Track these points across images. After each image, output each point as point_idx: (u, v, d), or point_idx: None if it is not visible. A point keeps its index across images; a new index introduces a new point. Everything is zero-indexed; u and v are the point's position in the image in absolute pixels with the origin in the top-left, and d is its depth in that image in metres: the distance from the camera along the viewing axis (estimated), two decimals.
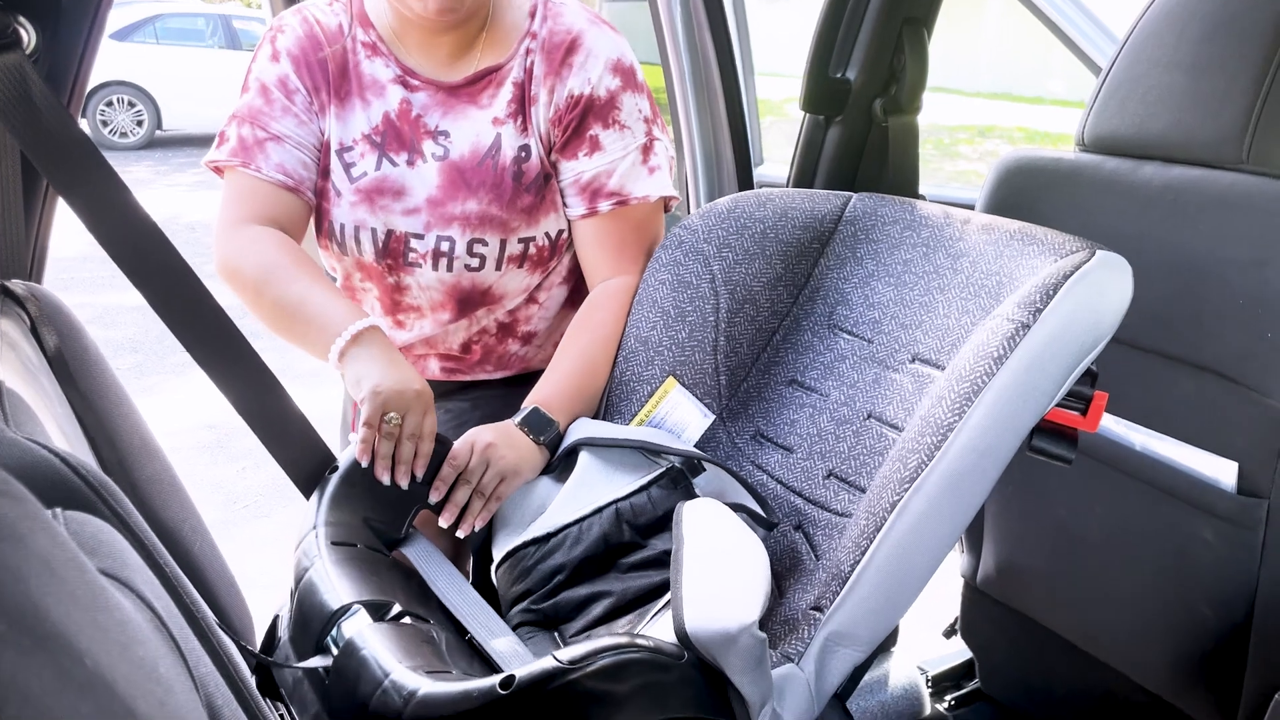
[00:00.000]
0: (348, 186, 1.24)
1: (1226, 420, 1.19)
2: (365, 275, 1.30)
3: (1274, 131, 1.12)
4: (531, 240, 1.25)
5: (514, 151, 1.23)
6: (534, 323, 1.35)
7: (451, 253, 1.24)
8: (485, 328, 1.33)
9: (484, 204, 1.22)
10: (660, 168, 1.27)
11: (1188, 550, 1.26)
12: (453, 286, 1.27)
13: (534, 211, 1.24)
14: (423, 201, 1.23)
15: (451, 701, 0.77)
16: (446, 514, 1.10)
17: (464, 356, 1.35)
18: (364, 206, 1.24)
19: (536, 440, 1.16)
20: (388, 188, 1.23)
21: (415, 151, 1.23)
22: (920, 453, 0.91)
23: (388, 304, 1.31)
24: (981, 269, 1.08)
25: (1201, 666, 1.29)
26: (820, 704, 0.90)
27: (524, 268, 1.27)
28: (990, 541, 1.58)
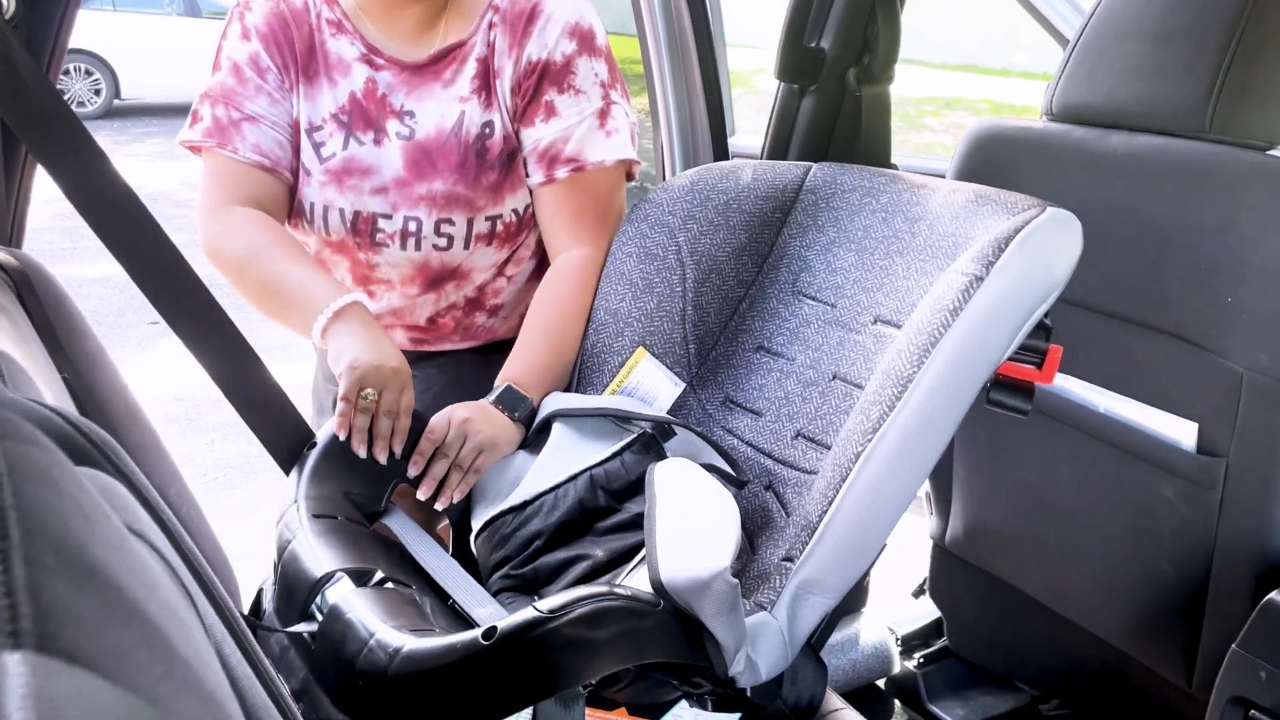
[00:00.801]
0: (317, 166, 1.24)
1: (1187, 382, 1.23)
2: (335, 250, 1.31)
3: (1236, 101, 1.15)
4: (499, 218, 1.26)
5: (477, 128, 1.23)
6: (502, 296, 1.36)
7: (419, 233, 1.25)
8: (454, 302, 1.33)
9: (450, 184, 1.23)
10: (618, 131, 1.26)
11: (1149, 509, 1.30)
12: (422, 265, 1.28)
13: (500, 189, 1.25)
14: (390, 181, 1.24)
15: (436, 655, 0.79)
16: (425, 486, 1.11)
17: (431, 329, 1.36)
18: (333, 186, 1.24)
19: (511, 416, 1.17)
20: (355, 168, 1.24)
21: (381, 131, 1.24)
22: (882, 404, 0.94)
23: (358, 277, 1.32)
24: (938, 231, 1.10)
25: (1162, 621, 1.33)
26: (793, 650, 0.93)
27: (492, 245, 1.28)
28: (958, 504, 1.62)
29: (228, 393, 1.05)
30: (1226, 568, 1.23)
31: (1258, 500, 1.18)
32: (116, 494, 0.46)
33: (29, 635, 0.24)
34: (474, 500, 1.15)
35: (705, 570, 0.82)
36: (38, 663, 0.24)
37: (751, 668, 0.91)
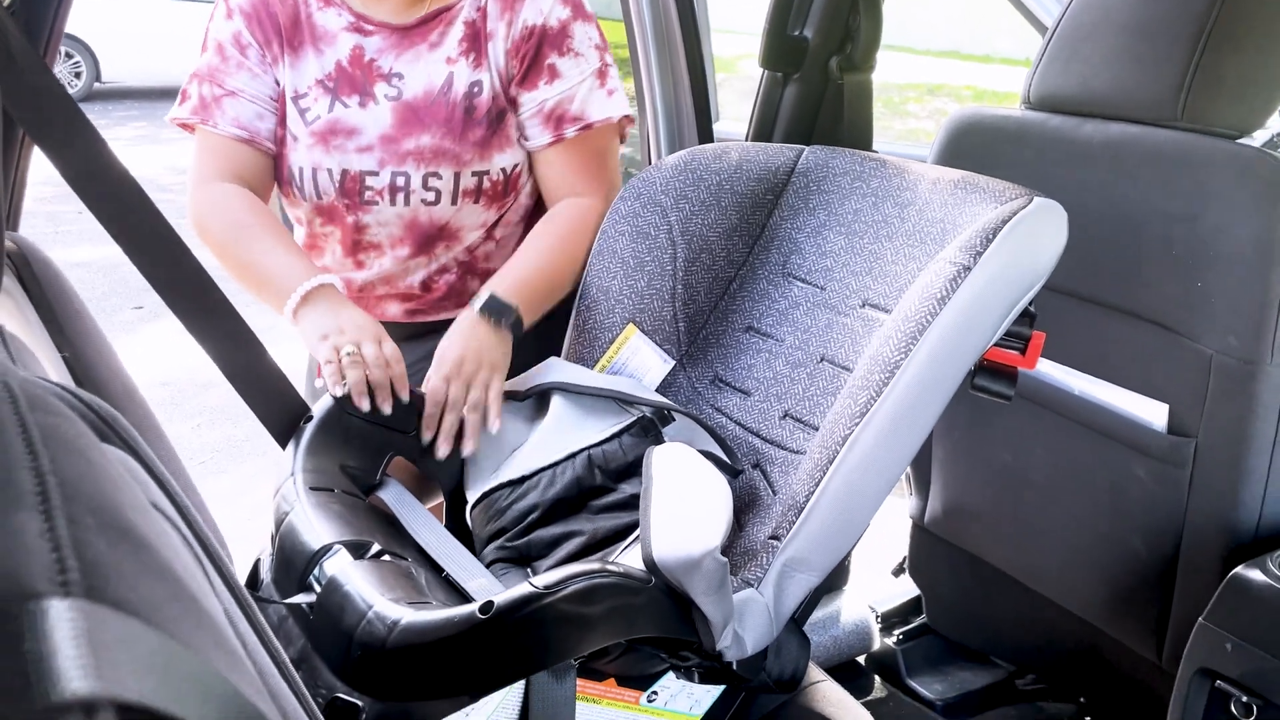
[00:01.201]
0: (303, 130, 1.27)
1: (1159, 365, 1.26)
2: (326, 219, 1.33)
3: (1206, 91, 1.18)
4: (485, 174, 1.29)
5: (465, 88, 1.27)
6: (493, 260, 1.38)
7: (407, 187, 1.27)
8: (445, 266, 1.35)
9: (437, 138, 1.26)
10: (617, 90, 1.32)
11: (1122, 487, 1.33)
12: (411, 222, 1.30)
13: (487, 145, 1.28)
14: (375, 139, 1.27)
15: (434, 628, 0.81)
16: (443, 445, 1.14)
17: (424, 295, 1.38)
18: (319, 148, 1.27)
19: (497, 325, 1.18)
20: (341, 128, 1.27)
21: (367, 95, 1.27)
22: (869, 389, 0.96)
23: (348, 245, 1.34)
24: (927, 217, 1.13)
25: (1133, 596, 1.37)
26: (778, 625, 0.96)
27: (480, 203, 1.30)
28: (938, 484, 1.65)
29: (225, 370, 1.07)
30: (1195, 544, 1.27)
31: (1225, 479, 1.21)
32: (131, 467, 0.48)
33: (78, 585, 0.26)
34: (469, 472, 1.17)
35: (696, 549, 0.85)
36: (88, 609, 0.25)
37: (738, 642, 0.93)
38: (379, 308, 1.39)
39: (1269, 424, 1.18)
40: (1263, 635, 1.06)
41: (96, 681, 0.23)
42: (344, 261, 1.36)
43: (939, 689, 1.73)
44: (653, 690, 0.98)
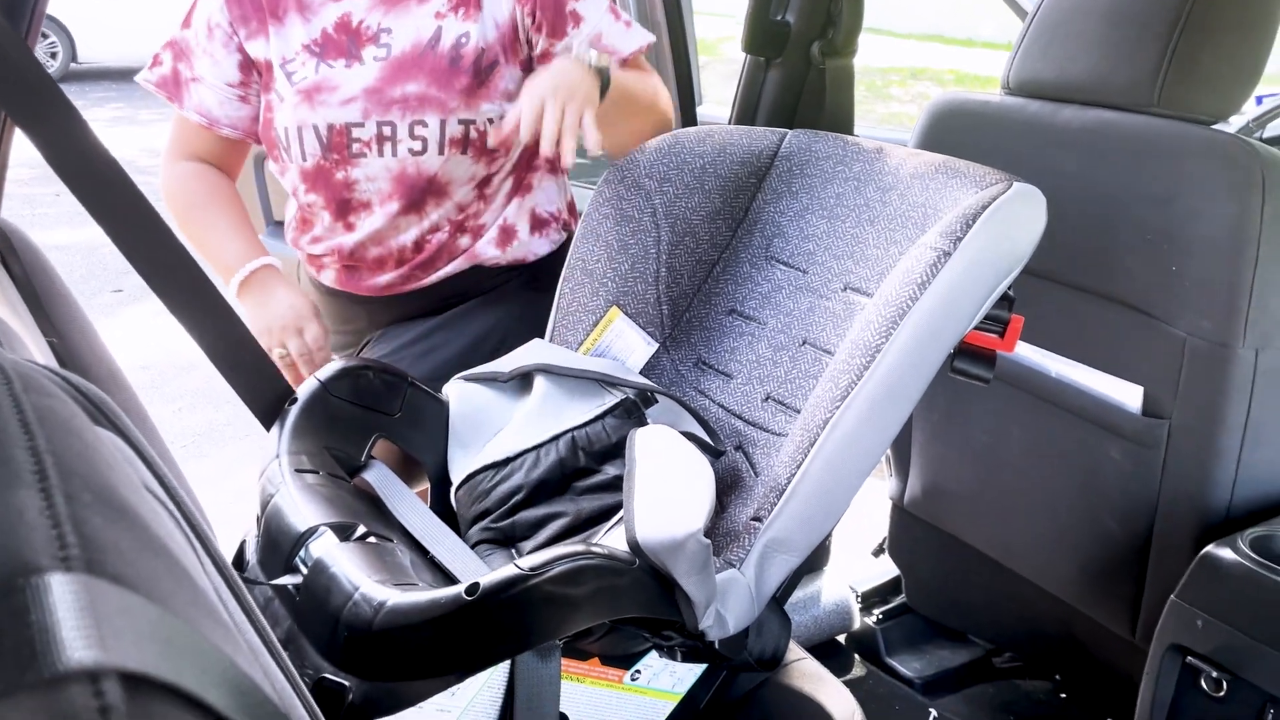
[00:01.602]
0: (289, 90, 1.29)
1: (1134, 348, 1.28)
2: (311, 184, 1.34)
3: (1182, 77, 1.20)
4: (472, 123, 1.29)
5: (453, 39, 1.28)
6: (483, 216, 1.39)
7: (394, 136, 1.29)
8: (436, 224, 1.36)
9: (422, 86, 1.27)
10: (632, 21, 1.35)
11: (1097, 468, 1.36)
12: (399, 175, 1.31)
13: (472, 93, 1.28)
14: (360, 91, 1.28)
15: (420, 610, 0.82)
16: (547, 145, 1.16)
17: (416, 255, 1.38)
18: (305, 106, 1.29)
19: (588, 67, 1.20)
20: (326, 85, 1.29)
21: (354, 57, 1.29)
22: (850, 373, 0.97)
23: (337, 206, 1.35)
24: (909, 201, 1.13)
25: (1108, 575, 1.40)
26: (760, 605, 0.97)
27: (468, 154, 1.31)
28: (917, 466, 1.67)
29: (208, 351, 1.07)
30: (1168, 523, 1.29)
31: (1198, 459, 1.24)
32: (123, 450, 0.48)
33: (78, 560, 0.27)
34: (453, 453, 1.18)
35: (680, 531, 0.86)
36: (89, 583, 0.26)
37: (720, 622, 0.94)
38: (372, 278, 1.40)
39: (1241, 406, 1.20)
40: (1232, 612, 1.09)
41: (100, 651, 0.23)
42: (334, 226, 1.37)
43: (918, 667, 1.76)
44: (636, 669, 1.00)
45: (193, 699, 0.25)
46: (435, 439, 1.18)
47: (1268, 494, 1.26)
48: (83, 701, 0.22)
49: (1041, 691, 1.73)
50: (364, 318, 1.46)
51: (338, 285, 1.43)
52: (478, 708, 0.89)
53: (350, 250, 1.37)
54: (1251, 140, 1.17)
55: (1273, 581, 1.06)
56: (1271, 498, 1.26)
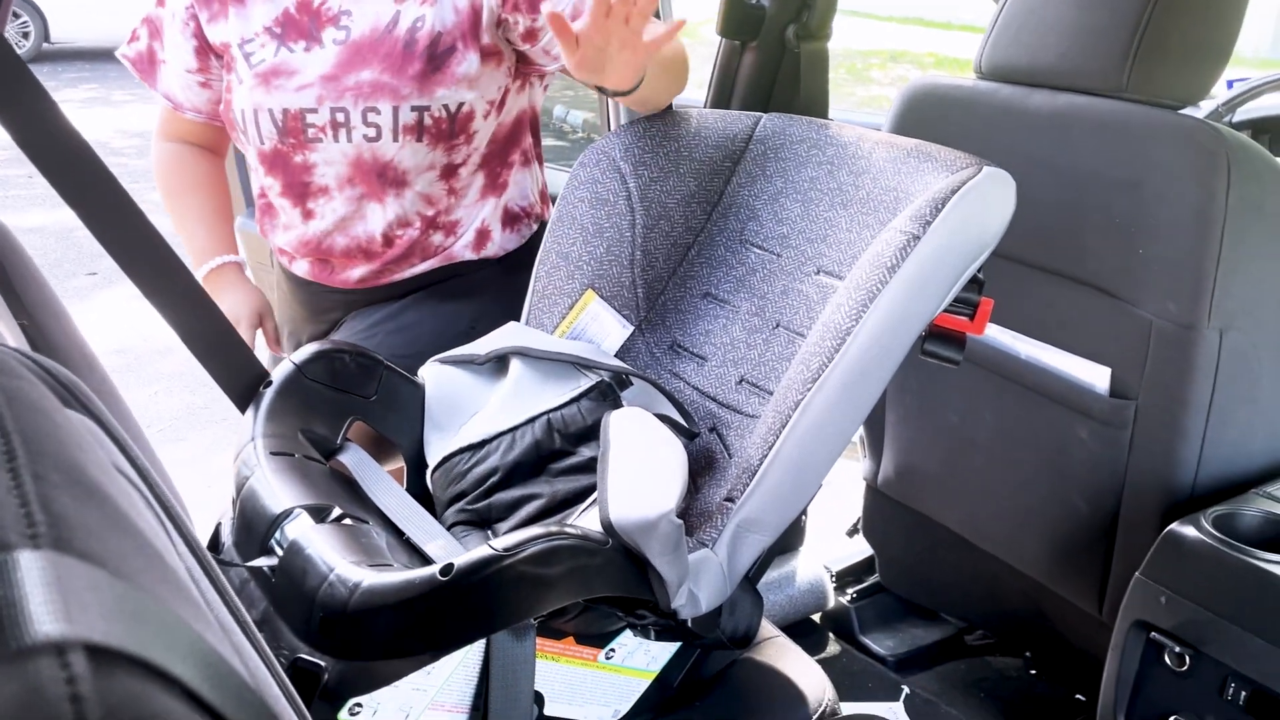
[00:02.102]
0: (248, 73, 1.29)
1: (1102, 330, 1.30)
2: (269, 167, 1.34)
3: (1150, 62, 1.21)
4: (426, 110, 1.28)
5: (409, 23, 1.27)
6: (456, 212, 1.38)
7: (348, 122, 1.28)
8: (406, 219, 1.35)
9: (376, 73, 1.27)
10: None
11: (1065, 448, 1.38)
12: (356, 160, 1.31)
13: (426, 79, 1.27)
14: (315, 78, 1.28)
15: (395, 590, 0.83)
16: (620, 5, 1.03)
17: (386, 250, 1.37)
18: (260, 90, 1.29)
19: None
20: (283, 69, 1.28)
21: (314, 40, 1.28)
22: (821, 356, 0.98)
23: (296, 192, 1.34)
24: (881, 185, 1.14)
25: (1076, 553, 1.42)
26: (732, 584, 0.99)
27: (423, 141, 1.30)
28: (890, 447, 1.69)
29: (182, 335, 1.07)
30: (1135, 502, 1.31)
31: (1163, 440, 1.26)
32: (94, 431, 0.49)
33: (46, 537, 0.27)
34: (429, 436, 1.19)
35: (652, 512, 0.87)
36: (56, 559, 0.26)
37: (693, 600, 0.96)
38: (345, 272, 1.39)
39: (1205, 387, 1.22)
40: (1195, 589, 1.11)
41: (67, 625, 0.24)
42: (293, 213, 1.36)
43: (891, 645, 1.78)
44: (610, 648, 1.01)
45: (160, 671, 0.25)
46: (411, 421, 1.19)
47: (1231, 473, 1.28)
48: (50, 673, 0.23)
49: (1012, 668, 1.76)
50: (339, 309, 1.46)
51: (311, 277, 1.43)
52: (453, 686, 0.90)
53: (318, 241, 1.37)
54: (1217, 125, 1.18)
55: (1234, 559, 1.08)
56: (1235, 477, 1.28)
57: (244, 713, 0.29)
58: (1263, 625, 1.05)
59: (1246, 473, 1.29)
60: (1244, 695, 1.08)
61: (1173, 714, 1.15)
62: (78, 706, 0.22)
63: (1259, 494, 1.21)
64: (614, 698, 1.03)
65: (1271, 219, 1.21)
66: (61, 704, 0.22)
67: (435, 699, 0.90)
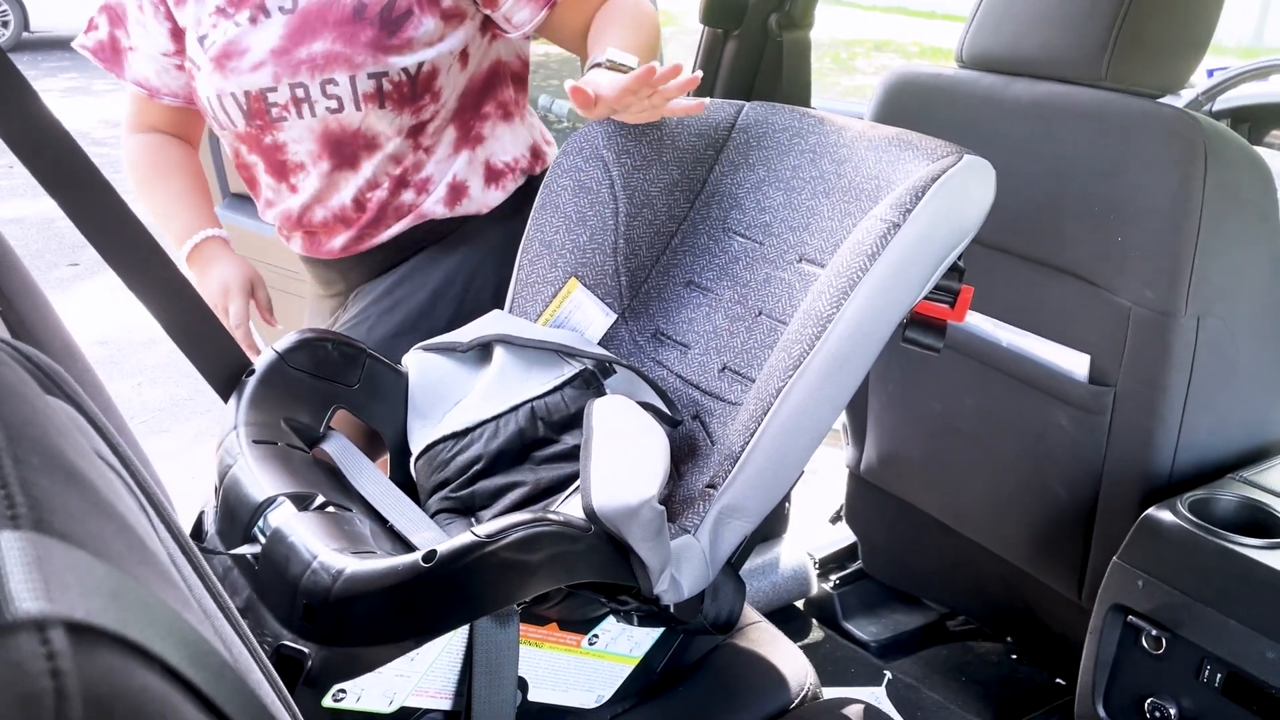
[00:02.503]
0: (203, 58, 1.29)
1: (1081, 317, 1.31)
2: (249, 147, 1.34)
3: (1129, 51, 1.22)
4: (384, 75, 1.26)
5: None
6: (426, 169, 1.36)
7: (309, 97, 1.27)
8: (375, 180, 1.34)
9: (327, 43, 1.25)
10: None
11: (1045, 435, 1.39)
12: (322, 133, 1.30)
13: (379, 46, 1.25)
14: (267, 55, 1.26)
15: (378, 577, 0.83)
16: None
17: (359, 214, 1.36)
18: (218, 74, 1.28)
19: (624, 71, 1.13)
20: (234, 50, 1.27)
21: (259, 9, 1.27)
22: (803, 343, 0.99)
23: (275, 169, 1.34)
24: (863, 173, 1.15)
25: (1055, 538, 1.43)
26: (714, 570, 0.99)
27: (386, 106, 1.28)
28: (873, 435, 1.70)
29: (164, 324, 1.06)
30: (1113, 488, 1.33)
31: (1141, 425, 1.27)
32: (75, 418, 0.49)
33: (26, 519, 0.27)
34: (412, 424, 1.19)
35: (634, 498, 0.87)
36: (37, 539, 0.27)
37: (675, 586, 0.96)
38: (327, 242, 1.40)
39: (1183, 373, 1.23)
40: (1171, 572, 1.12)
41: (47, 603, 0.24)
42: (278, 188, 1.36)
43: (873, 631, 1.80)
44: (594, 633, 1.01)
45: (139, 648, 0.26)
46: (394, 409, 1.19)
47: (1208, 458, 1.29)
48: (30, 649, 0.23)
49: (994, 653, 1.78)
50: (340, 280, 1.46)
51: (305, 252, 1.44)
52: (437, 672, 0.91)
53: (298, 215, 1.36)
54: (1194, 114, 1.19)
55: (1209, 543, 1.10)
56: (1211, 462, 1.30)
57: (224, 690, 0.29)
58: (1238, 608, 1.07)
59: (1223, 458, 1.31)
60: (1219, 677, 1.09)
61: (1150, 696, 1.16)
62: (58, 681, 0.23)
63: (1235, 479, 1.23)
64: (597, 683, 1.04)
65: (1248, 207, 1.22)
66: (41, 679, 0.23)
67: (419, 685, 0.90)
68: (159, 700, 0.25)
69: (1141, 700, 1.17)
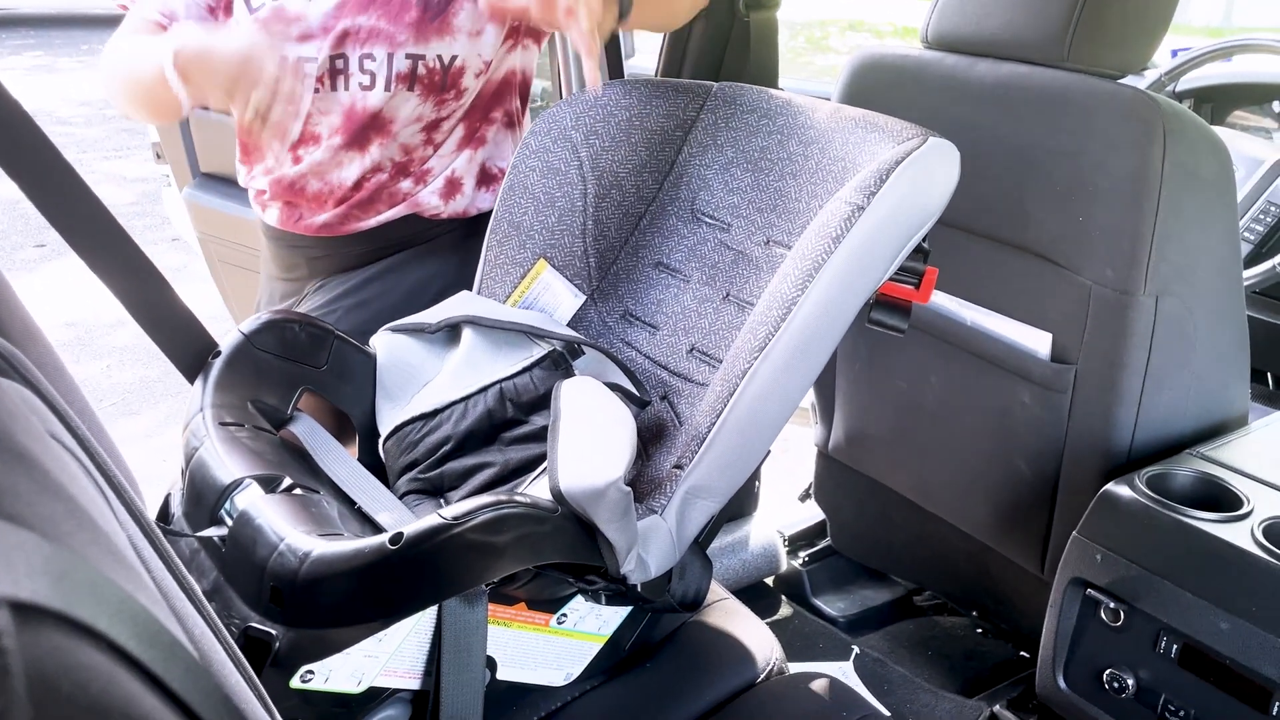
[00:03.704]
0: (248, 19, 1.27)
1: (1044, 296, 1.33)
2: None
3: (1091, 33, 1.23)
4: (420, 59, 1.28)
5: None
6: (430, 162, 1.38)
7: (346, 69, 1.28)
8: (379, 164, 1.35)
9: (373, 19, 1.26)
10: None
11: (1008, 412, 1.41)
12: (348, 110, 1.30)
13: (421, 27, 1.26)
14: (316, 26, 1.27)
15: (345, 559, 0.83)
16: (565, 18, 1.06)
17: (355, 194, 1.36)
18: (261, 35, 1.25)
19: None
20: (283, 16, 1.27)
21: None
22: (768, 325, 1.00)
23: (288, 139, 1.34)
24: (830, 155, 1.15)
25: (1019, 514, 1.46)
26: (681, 549, 1.00)
27: (415, 90, 1.30)
28: (840, 413, 1.72)
29: (129, 307, 1.06)
30: (1074, 464, 1.35)
31: (1102, 403, 1.29)
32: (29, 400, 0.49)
33: None
34: (380, 405, 1.19)
35: (600, 480, 0.88)
36: None
37: (642, 566, 0.97)
38: (311, 216, 1.39)
39: (1141, 351, 1.25)
40: (1129, 546, 1.15)
41: None
42: (283, 157, 1.36)
43: (842, 606, 1.82)
44: (562, 612, 1.02)
45: (85, 628, 0.26)
46: (362, 391, 1.19)
47: (1166, 435, 1.32)
48: None
49: (959, 627, 1.81)
50: (304, 265, 1.45)
51: (279, 224, 1.42)
52: (405, 653, 0.91)
53: (291, 182, 1.36)
54: (1154, 94, 1.21)
55: (1166, 517, 1.12)
56: (1170, 438, 1.32)
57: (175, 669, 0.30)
58: (1193, 581, 1.09)
59: (1181, 434, 1.33)
60: (1175, 648, 1.12)
61: (1108, 667, 1.19)
62: (1, 660, 0.23)
63: (1192, 454, 1.25)
64: (566, 661, 1.05)
65: (1206, 187, 1.24)
66: None
67: (387, 665, 0.91)
68: (105, 678, 0.26)
69: (1100, 671, 1.19)
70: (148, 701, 0.27)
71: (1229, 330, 1.33)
